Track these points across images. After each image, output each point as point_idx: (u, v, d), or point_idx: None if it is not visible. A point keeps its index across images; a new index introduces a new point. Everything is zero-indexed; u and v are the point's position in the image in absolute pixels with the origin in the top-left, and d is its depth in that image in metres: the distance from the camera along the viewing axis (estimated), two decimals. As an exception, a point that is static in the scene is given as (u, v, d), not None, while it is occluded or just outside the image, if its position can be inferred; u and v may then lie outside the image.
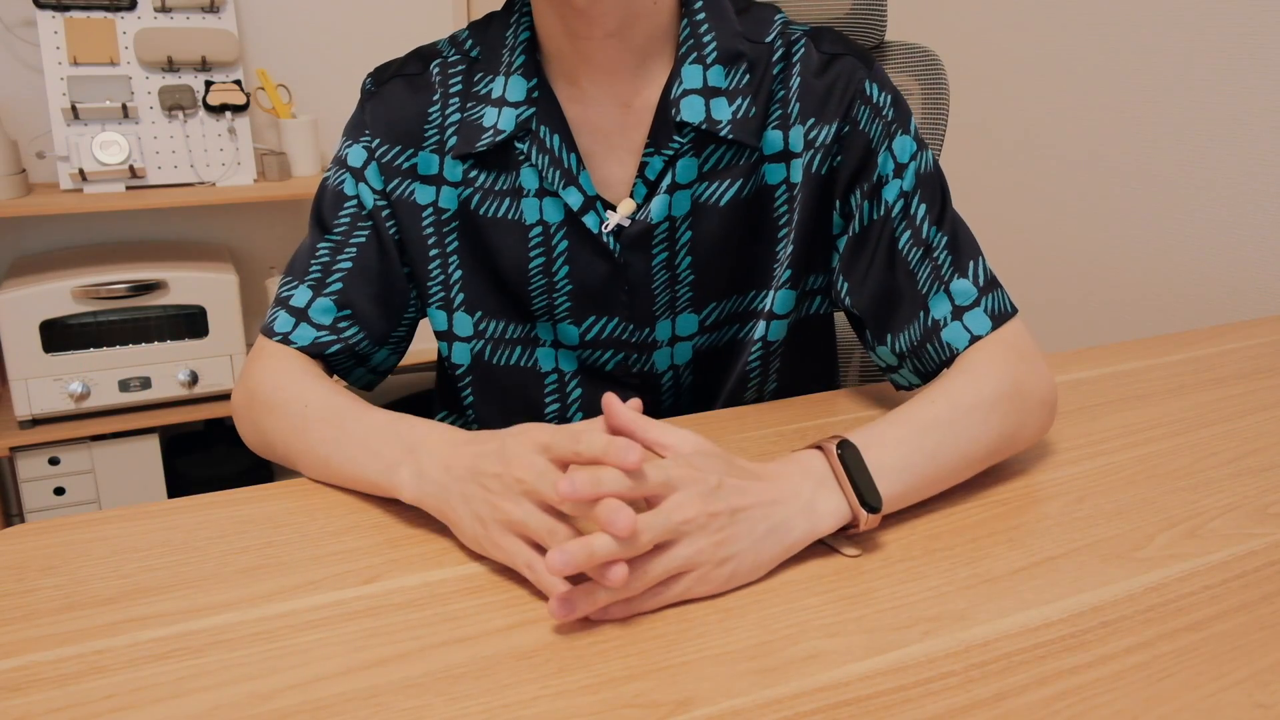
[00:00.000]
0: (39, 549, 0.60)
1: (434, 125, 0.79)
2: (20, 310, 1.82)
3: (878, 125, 0.76)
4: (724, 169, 0.78)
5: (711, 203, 0.78)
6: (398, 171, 0.80)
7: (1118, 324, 1.43)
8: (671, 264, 0.79)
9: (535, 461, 0.55)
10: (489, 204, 0.79)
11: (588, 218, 0.77)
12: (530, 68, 0.77)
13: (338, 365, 0.81)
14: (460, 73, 0.80)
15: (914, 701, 0.47)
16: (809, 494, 0.59)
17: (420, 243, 0.81)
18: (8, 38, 1.98)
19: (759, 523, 0.56)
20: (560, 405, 0.84)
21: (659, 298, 0.80)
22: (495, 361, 0.83)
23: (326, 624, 0.52)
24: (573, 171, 0.77)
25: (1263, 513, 0.65)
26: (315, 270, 0.80)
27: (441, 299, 0.82)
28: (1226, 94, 1.24)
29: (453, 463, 0.59)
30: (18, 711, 0.45)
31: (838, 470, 0.60)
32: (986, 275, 0.75)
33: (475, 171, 0.79)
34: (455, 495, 0.58)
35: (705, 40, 0.76)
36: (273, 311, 0.80)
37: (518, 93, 0.77)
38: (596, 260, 0.78)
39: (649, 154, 0.76)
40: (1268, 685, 0.48)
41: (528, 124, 0.76)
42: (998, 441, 0.67)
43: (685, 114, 0.75)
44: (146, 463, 1.99)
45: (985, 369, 0.69)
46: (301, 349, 0.78)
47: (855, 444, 0.61)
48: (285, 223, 2.33)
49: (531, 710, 0.46)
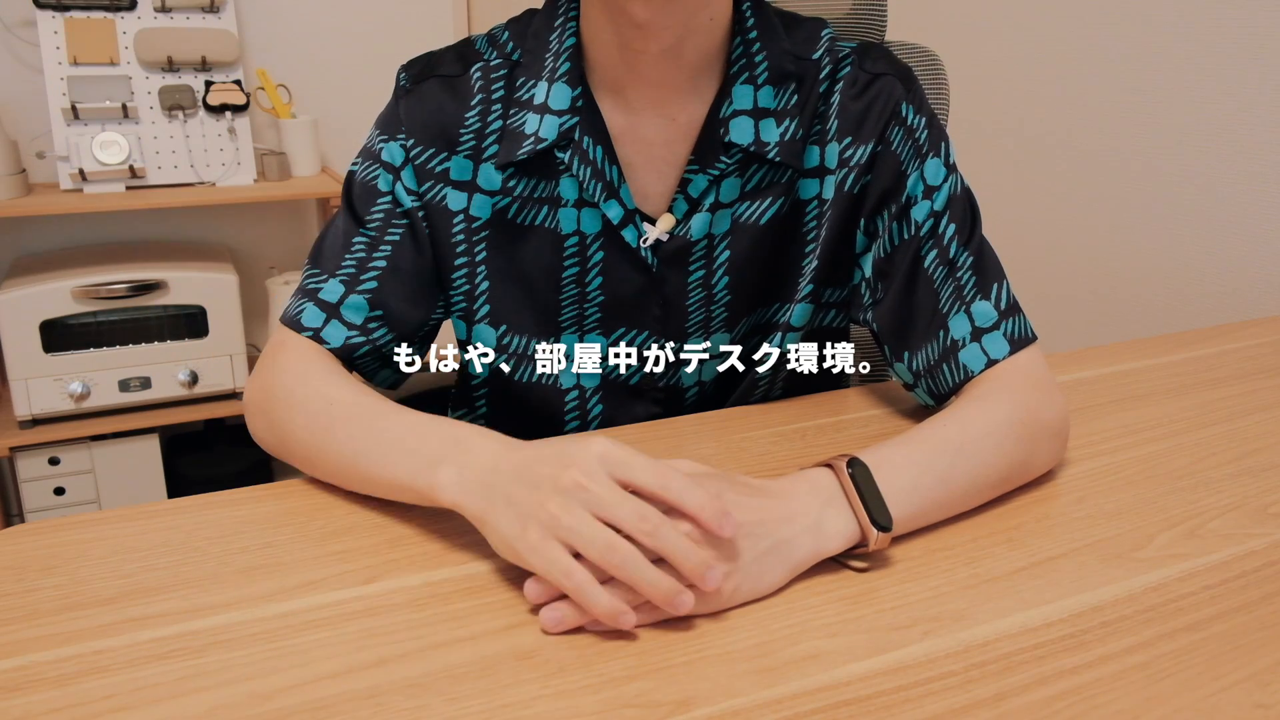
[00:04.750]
0: (39, 549, 0.60)
1: (471, 131, 0.77)
2: (20, 310, 1.82)
3: (909, 147, 0.76)
4: (766, 188, 0.77)
5: (751, 222, 0.78)
6: (431, 175, 0.78)
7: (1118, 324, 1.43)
8: (708, 282, 0.79)
9: (598, 470, 0.52)
10: (526, 212, 0.78)
11: (626, 231, 0.77)
12: (575, 75, 0.75)
13: (363, 367, 0.79)
14: (503, 77, 0.78)
15: (914, 701, 0.47)
16: (817, 512, 0.57)
17: (448, 249, 0.79)
18: (8, 38, 1.98)
19: (760, 540, 0.55)
20: (580, 422, 0.83)
21: (693, 315, 0.80)
22: (515, 376, 0.82)
23: (326, 624, 0.52)
24: (614, 184, 0.76)
25: (1263, 513, 0.65)
26: (349, 265, 0.77)
27: (463, 309, 0.81)
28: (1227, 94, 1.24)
29: (502, 463, 0.56)
30: (18, 711, 0.45)
31: (848, 488, 0.58)
32: (1009, 299, 0.74)
33: (515, 180, 0.77)
34: (500, 496, 0.54)
35: (757, 60, 0.75)
36: (299, 302, 0.77)
37: (561, 100, 0.75)
38: (632, 273, 0.78)
39: (693, 171, 0.76)
40: (1268, 685, 0.48)
41: (570, 133, 0.75)
42: (1009, 469, 0.66)
43: (734, 135, 0.74)
44: (146, 463, 1.99)
45: (999, 396, 0.69)
46: (332, 350, 0.75)
47: (867, 464, 0.59)
48: (285, 223, 2.33)
49: (531, 710, 0.46)
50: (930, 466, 0.62)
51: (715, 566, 0.51)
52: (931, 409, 0.78)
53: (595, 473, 0.52)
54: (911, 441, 0.64)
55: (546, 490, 0.52)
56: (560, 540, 0.51)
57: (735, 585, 0.54)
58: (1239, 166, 1.24)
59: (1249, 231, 1.24)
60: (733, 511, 0.54)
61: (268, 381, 0.73)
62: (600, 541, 0.50)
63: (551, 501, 0.52)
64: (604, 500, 0.51)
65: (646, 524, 0.50)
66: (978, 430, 0.65)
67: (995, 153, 1.60)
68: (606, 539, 0.50)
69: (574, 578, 0.50)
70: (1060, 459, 0.72)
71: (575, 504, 0.51)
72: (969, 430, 0.65)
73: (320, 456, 0.66)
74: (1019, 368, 0.72)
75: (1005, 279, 0.75)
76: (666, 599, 0.50)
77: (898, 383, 0.81)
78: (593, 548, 0.50)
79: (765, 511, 0.56)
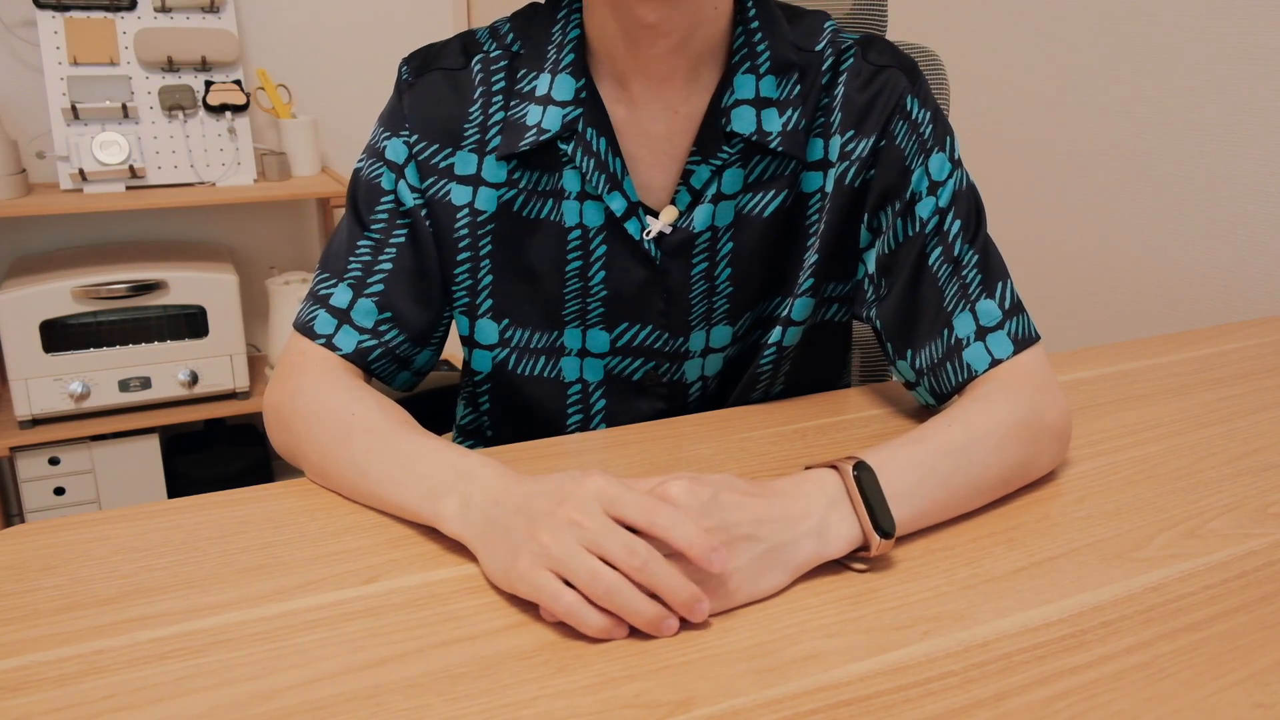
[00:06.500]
0: (39, 549, 0.60)
1: (474, 124, 0.77)
2: (20, 310, 1.82)
3: (913, 142, 0.76)
4: (769, 180, 0.77)
5: (755, 214, 0.78)
6: (435, 170, 0.78)
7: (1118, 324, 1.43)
8: (711, 274, 0.79)
9: (592, 507, 0.53)
10: (531, 204, 0.78)
11: (629, 224, 0.76)
12: (579, 67, 0.75)
13: (380, 371, 0.79)
14: (503, 69, 0.78)
15: (914, 701, 0.47)
16: (820, 515, 0.57)
17: (452, 244, 0.79)
18: (8, 38, 1.98)
19: (759, 542, 0.55)
20: (583, 417, 0.83)
21: (696, 308, 0.80)
22: (518, 370, 0.82)
23: (326, 624, 0.52)
24: (617, 176, 0.76)
25: (1263, 513, 0.65)
26: (355, 269, 0.77)
27: (465, 304, 0.81)
28: (1227, 94, 1.24)
29: (504, 498, 0.57)
30: (18, 711, 0.45)
31: (853, 492, 0.58)
32: (1013, 299, 0.74)
33: (519, 172, 0.77)
34: (498, 529, 0.56)
35: (759, 49, 0.75)
36: (310, 309, 0.77)
37: (565, 92, 0.75)
38: (635, 266, 0.78)
39: (695, 162, 0.76)
40: (1268, 685, 0.48)
41: (574, 124, 0.75)
42: (1012, 470, 0.66)
43: (736, 125, 0.74)
44: (146, 463, 1.99)
45: (1003, 396, 0.68)
46: (345, 356, 0.76)
47: (873, 467, 0.59)
48: (285, 223, 2.33)
49: (531, 710, 0.46)
50: (934, 469, 0.62)
51: (704, 600, 0.52)
52: (932, 409, 0.78)
53: (589, 509, 0.53)
54: (916, 443, 0.63)
55: (541, 524, 0.53)
56: (550, 570, 0.52)
57: (735, 586, 0.54)
58: (1239, 166, 1.24)
59: (1249, 231, 1.24)
60: (727, 512, 0.54)
61: (288, 391, 0.74)
62: (585, 570, 0.51)
63: (544, 534, 0.53)
64: (596, 535, 0.52)
65: (636, 559, 0.51)
66: (981, 432, 0.65)
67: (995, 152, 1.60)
68: (591, 567, 0.51)
69: (563, 600, 0.51)
70: (1061, 459, 0.72)
71: (568, 537, 0.52)
72: (972, 432, 0.65)
73: (335, 467, 0.67)
74: (1022, 368, 0.72)
75: (1009, 277, 0.75)
76: (653, 625, 0.51)
77: (898, 382, 0.81)
78: (578, 576, 0.51)
79: (766, 512, 0.56)
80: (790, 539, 0.56)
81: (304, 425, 0.70)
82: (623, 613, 0.51)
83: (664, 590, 0.51)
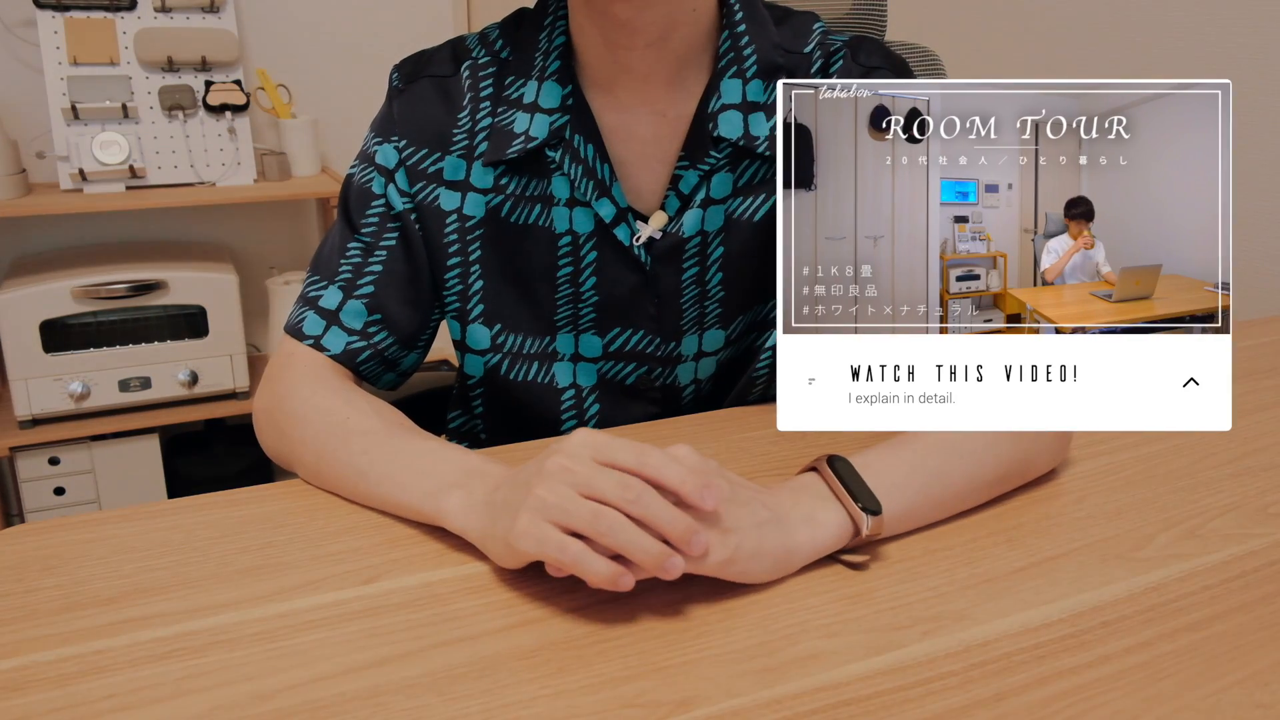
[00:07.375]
0: (39, 549, 0.60)
1: (463, 130, 0.78)
2: (20, 310, 1.82)
3: None
4: (758, 184, 0.77)
5: (745, 218, 0.77)
6: (424, 175, 0.78)
7: (1118, 324, 1.43)
8: (702, 279, 0.79)
9: (582, 453, 0.53)
10: (520, 210, 0.78)
11: (619, 230, 0.76)
12: (565, 73, 0.75)
13: (367, 372, 0.79)
14: (491, 75, 0.78)
15: (914, 701, 0.47)
16: (808, 505, 0.58)
17: (441, 250, 0.79)
18: (8, 38, 1.98)
19: (760, 510, 0.55)
20: (578, 421, 0.83)
21: (687, 312, 0.80)
22: (511, 376, 0.82)
23: (326, 624, 0.52)
24: (606, 183, 0.76)
25: (1263, 513, 0.65)
26: (345, 271, 0.78)
27: (457, 309, 0.81)
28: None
29: (502, 484, 0.57)
30: (18, 711, 0.45)
31: (831, 481, 0.59)
32: None
33: (507, 178, 0.77)
34: (497, 508, 0.55)
35: (745, 53, 0.75)
36: (300, 311, 0.78)
37: (551, 99, 0.75)
38: (626, 272, 0.78)
39: (683, 167, 0.76)
40: (1268, 685, 0.48)
41: (561, 132, 0.75)
42: (1008, 465, 0.66)
43: (723, 129, 0.74)
44: (146, 463, 1.99)
45: None
46: (334, 356, 0.76)
47: (849, 459, 0.60)
48: (285, 223, 2.33)
49: (531, 710, 0.46)
50: (921, 464, 0.62)
51: (701, 530, 0.51)
52: None
53: (578, 455, 0.53)
54: (900, 442, 0.64)
55: (534, 481, 0.53)
56: (551, 522, 0.51)
57: (736, 544, 0.53)
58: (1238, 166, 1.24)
59: (1249, 231, 1.24)
60: (732, 478, 0.55)
61: (278, 393, 0.74)
62: (586, 511, 0.50)
63: (539, 487, 0.52)
64: (587, 477, 0.52)
65: (629, 492, 0.51)
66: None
67: (995, 153, 1.60)
68: (592, 508, 0.51)
69: (569, 550, 0.50)
70: (1062, 458, 0.72)
71: (561, 484, 0.52)
72: None
73: (331, 469, 0.66)
74: None
75: None
76: (657, 563, 0.50)
77: None
78: (579, 519, 0.51)
79: (758, 496, 0.57)
80: (786, 517, 0.56)
81: (297, 428, 0.70)
82: (627, 550, 0.50)
83: (660, 522, 0.51)
